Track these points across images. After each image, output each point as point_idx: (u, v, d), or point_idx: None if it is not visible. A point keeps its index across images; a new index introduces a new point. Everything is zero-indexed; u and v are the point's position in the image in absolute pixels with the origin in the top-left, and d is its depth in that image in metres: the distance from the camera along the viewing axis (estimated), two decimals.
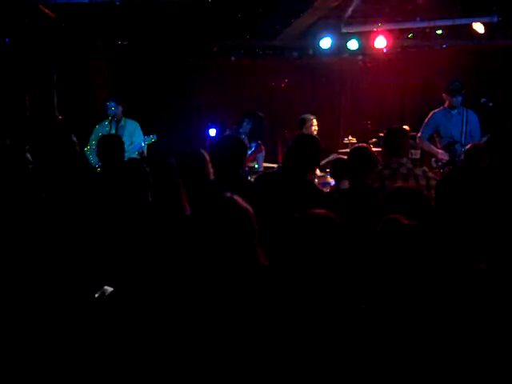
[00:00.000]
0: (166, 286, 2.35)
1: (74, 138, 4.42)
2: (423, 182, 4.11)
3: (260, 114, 6.74)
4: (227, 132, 6.62)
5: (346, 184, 4.69)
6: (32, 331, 2.21)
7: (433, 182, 4.03)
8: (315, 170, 6.12)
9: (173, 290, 2.28)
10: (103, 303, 2.44)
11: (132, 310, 2.30)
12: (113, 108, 6.33)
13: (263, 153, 6.73)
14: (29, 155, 3.62)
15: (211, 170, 3.82)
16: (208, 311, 2.14)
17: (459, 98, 6.23)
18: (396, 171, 4.16)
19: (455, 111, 6.30)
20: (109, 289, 2.52)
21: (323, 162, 6.81)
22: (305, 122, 7.15)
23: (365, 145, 4.52)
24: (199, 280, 2.24)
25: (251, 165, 6.48)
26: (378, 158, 4.33)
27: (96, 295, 2.50)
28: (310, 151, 4.00)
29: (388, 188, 3.54)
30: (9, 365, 2.15)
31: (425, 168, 4.41)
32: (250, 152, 6.44)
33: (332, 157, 6.95)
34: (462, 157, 5.67)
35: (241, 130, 6.61)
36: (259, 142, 6.69)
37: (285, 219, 2.21)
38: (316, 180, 6.34)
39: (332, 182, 6.30)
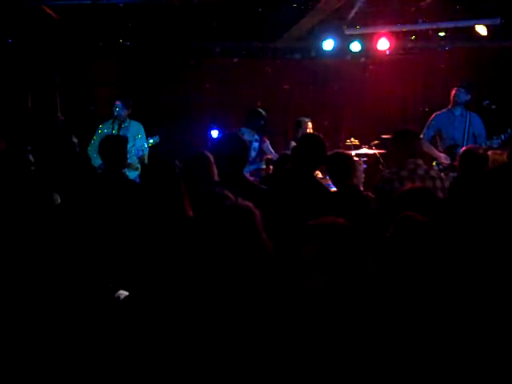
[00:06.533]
0: (175, 289, 2.34)
1: (75, 139, 4.43)
2: (439, 184, 4.15)
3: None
4: (242, 129, 6.69)
5: None
6: (39, 334, 2.22)
7: (447, 184, 4.05)
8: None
9: (183, 295, 2.28)
10: (119, 306, 2.44)
11: (145, 312, 2.30)
12: (118, 109, 6.35)
13: (267, 142, 7.02)
14: (31, 156, 3.61)
15: (215, 172, 3.83)
16: (216, 313, 2.15)
17: (462, 96, 6.23)
18: (413, 172, 4.18)
19: (458, 112, 6.30)
20: (124, 293, 2.52)
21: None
22: (301, 125, 7.33)
23: (341, 150, 4.56)
24: (206, 283, 2.24)
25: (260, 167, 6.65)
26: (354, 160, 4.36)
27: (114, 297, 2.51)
28: (315, 149, 4.07)
29: (401, 188, 3.55)
30: (17, 366, 2.15)
31: (437, 170, 4.44)
32: (257, 144, 6.81)
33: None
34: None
35: (255, 124, 6.82)
36: (260, 134, 6.93)
37: (293, 222, 2.22)
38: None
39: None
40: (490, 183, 2.79)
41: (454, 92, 6.32)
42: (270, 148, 7.02)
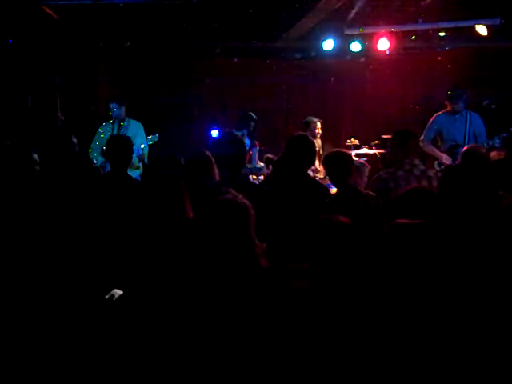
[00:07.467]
0: (170, 288, 2.35)
1: (74, 139, 4.43)
2: (436, 184, 4.14)
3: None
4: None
5: None
6: (39, 332, 2.21)
7: None
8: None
9: (177, 293, 2.28)
10: (113, 305, 2.45)
11: (141, 311, 2.30)
12: (115, 110, 6.38)
13: (257, 147, 7.02)
14: (36, 156, 3.62)
15: (216, 171, 3.83)
16: (210, 311, 2.15)
17: (461, 105, 6.23)
18: (410, 172, 4.19)
19: (457, 114, 6.29)
20: (118, 291, 2.52)
21: None
22: (309, 125, 7.24)
23: (339, 149, 4.54)
24: (201, 282, 2.25)
25: (248, 166, 6.62)
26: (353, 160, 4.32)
27: (106, 297, 2.50)
28: (301, 149, 4.06)
29: (402, 189, 3.55)
30: (15, 365, 2.15)
31: (435, 170, 4.43)
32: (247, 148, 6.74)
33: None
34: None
35: (245, 131, 6.80)
36: (251, 138, 6.94)
37: (293, 219, 2.23)
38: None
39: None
40: (477, 176, 2.77)
41: (451, 103, 6.27)
42: (256, 156, 6.96)
